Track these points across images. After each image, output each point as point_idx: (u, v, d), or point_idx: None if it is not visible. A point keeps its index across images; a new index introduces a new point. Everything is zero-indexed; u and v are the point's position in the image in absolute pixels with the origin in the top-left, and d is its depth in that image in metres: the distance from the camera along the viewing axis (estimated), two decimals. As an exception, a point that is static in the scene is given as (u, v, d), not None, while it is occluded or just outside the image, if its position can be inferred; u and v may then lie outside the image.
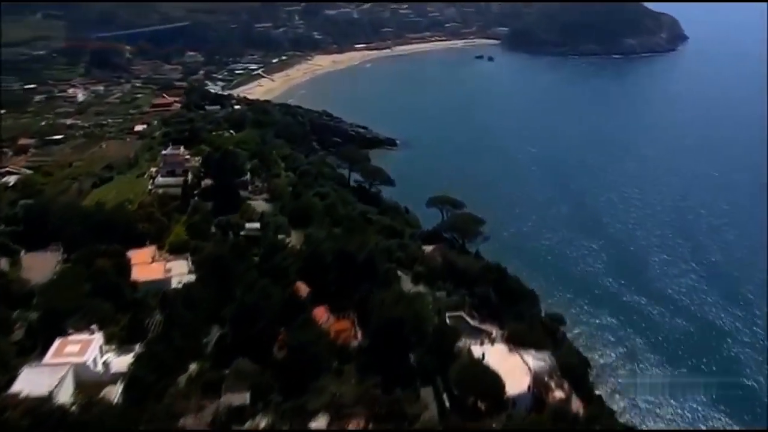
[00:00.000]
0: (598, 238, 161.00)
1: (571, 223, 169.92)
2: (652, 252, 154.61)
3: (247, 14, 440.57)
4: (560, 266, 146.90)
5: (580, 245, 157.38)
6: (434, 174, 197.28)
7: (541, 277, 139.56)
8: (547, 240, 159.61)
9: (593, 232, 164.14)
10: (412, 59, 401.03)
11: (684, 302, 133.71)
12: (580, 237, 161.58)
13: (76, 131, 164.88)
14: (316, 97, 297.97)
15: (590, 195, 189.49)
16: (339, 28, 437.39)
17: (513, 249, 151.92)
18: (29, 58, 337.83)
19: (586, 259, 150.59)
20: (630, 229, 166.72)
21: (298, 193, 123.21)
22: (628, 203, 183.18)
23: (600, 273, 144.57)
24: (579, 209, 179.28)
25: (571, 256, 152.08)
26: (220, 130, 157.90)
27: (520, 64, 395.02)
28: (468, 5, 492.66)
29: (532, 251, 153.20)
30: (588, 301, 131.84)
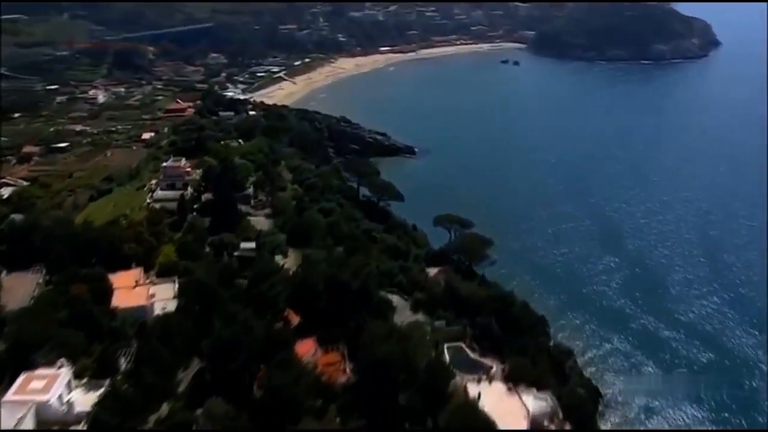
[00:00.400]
0: (616, 254, 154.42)
1: (588, 237, 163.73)
2: (673, 271, 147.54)
3: (271, 15, 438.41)
4: (574, 284, 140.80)
5: (596, 261, 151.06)
6: (450, 184, 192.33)
7: (553, 296, 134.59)
8: (562, 255, 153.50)
9: (611, 248, 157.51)
10: (437, 63, 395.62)
11: (705, 328, 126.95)
12: (597, 252, 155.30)
13: (84, 138, 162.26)
14: (336, 102, 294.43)
15: (610, 207, 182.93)
16: (364, 30, 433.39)
17: (526, 264, 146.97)
18: (53, 58, 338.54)
19: (601, 277, 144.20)
20: (650, 246, 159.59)
21: (302, 208, 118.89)
22: (649, 217, 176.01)
23: (616, 292, 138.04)
24: (597, 222, 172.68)
25: (586, 273, 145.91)
26: (228, 139, 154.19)
27: (545, 69, 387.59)
28: (496, 8, 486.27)
29: (545, 267, 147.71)
30: (602, 322, 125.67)
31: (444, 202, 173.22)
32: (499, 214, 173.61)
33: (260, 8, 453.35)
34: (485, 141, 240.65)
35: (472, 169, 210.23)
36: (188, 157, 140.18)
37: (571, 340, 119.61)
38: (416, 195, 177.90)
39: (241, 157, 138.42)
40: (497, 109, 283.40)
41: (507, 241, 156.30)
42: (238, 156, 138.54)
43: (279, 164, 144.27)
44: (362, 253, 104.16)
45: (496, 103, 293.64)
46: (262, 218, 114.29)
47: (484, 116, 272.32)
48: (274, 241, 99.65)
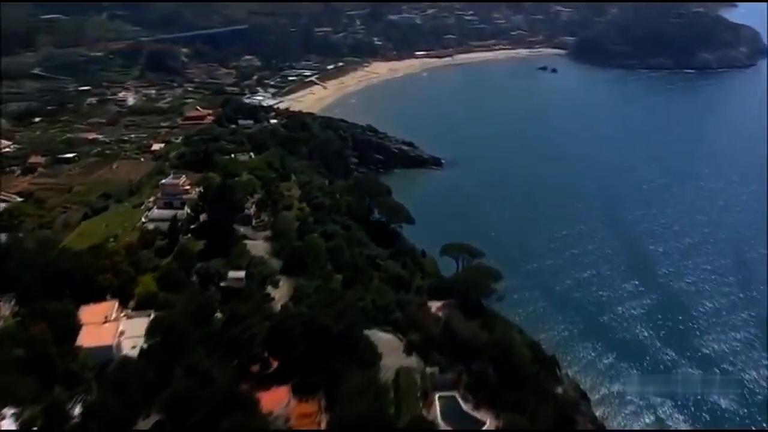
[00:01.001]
0: (642, 279, 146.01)
1: (614, 259, 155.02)
2: (703, 300, 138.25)
3: (307, 18, 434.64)
4: (593, 311, 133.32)
5: (620, 287, 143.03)
6: (473, 199, 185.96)
7: (569, 324, 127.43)
8: (583, 279, 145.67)
9: (637, 272, 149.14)
10: (472, 69, 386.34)
11: (736, 368, 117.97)
12: (622, 276, 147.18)
13: (95, 148, 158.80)
14: (366, 108, 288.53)
15: (640, 228, 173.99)
16: (400, 34, 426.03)
17: (542, 287, 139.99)
18: (86, 59, 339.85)
19: (624, 304, 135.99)
20: (680, 272, 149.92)
21: (304, 231, 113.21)
22: (682, 241, 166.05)
23: (639, 322, 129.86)
24: (626, 244, 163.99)
25: (607, 300, 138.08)
26: (240, 151, 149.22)
27: (584, 77, 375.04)
28: (536, 12, 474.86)
29: (563, 291, 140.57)
30: (621, 356, 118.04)
31: (462, 220, 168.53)
32: (519, 231, 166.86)
33: (297, 10, 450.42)
34: (515, 153, 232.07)
35: (498, 182, 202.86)
36: (195, 171, 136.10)
37: (584, 374, 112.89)
38: (434, 212, 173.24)
39: (249, 172, 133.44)
40: (530, 120, 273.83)
41: (525, 262, 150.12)
42: (246, 171, 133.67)
43: (289, 179, 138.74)
44: (361, 284, 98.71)
45: (530, 113, 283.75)
46: (261, 242, 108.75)
47: (516, 127, 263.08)
48: (263, 271, 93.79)
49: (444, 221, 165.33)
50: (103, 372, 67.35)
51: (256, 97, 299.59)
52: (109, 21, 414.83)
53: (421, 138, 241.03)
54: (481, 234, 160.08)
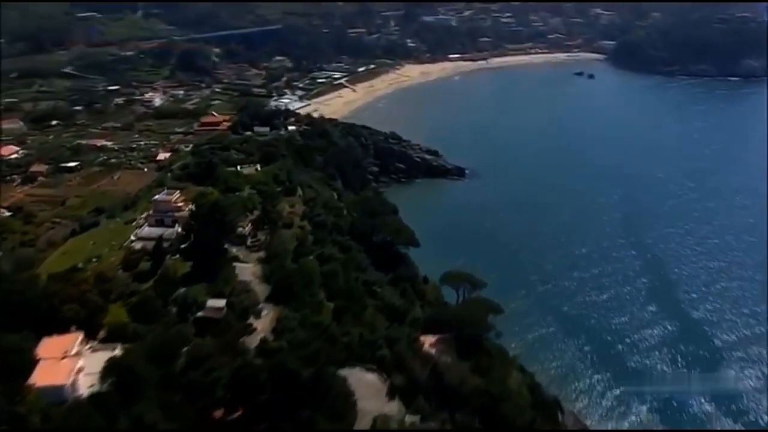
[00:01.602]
0: (663, 305, 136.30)
1: (634, 282, 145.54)
2: (727, 331, 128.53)
3: (341, 19, 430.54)
4: (606, 339, 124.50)
5: (638, 312, 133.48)
6: (491, 212, 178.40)
7: (580, 353, 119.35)
8: (600, 303, 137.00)
9: (658, 297, 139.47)
10: (506, 73, 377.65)
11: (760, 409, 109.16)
12: (641, 301, 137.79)
13: (101, 155, 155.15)
14: (393, 113, 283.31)
15: (667, 247, 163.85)
16: (435, 36, 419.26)
17: (555, 311, 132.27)
18: (117, 58, 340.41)
19: (641, 332, 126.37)
20: (704, 298, 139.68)
21: (300, 253, 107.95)
22: (710, 263, 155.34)
23: (655, 353, 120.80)
24: (648, 264, 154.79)
25: (622, 327, 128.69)
26: (248, 162, 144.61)
27: (621, 84, 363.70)
28: (576, 15, 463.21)
29: (576, 316, 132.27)
30: (631, 391, 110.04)
31: (479, 236, 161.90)
32: (538, 248, 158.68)
33: (332, 10, 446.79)
34: (543, 163, 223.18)
35: (521, 195, 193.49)
36: (198, 184, 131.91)
37: (591, 410, 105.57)
38: (451, 225, 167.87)
39: (252, 186, 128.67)
40: (561, 128, 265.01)
41: (540, 283, 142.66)
42: (248, 185, 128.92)
43: (294, 194, 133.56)
44: (353, 314, 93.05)
45: (562, 121, 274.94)
46: (253, 264, 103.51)
47: (545, 135, 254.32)
48: (245, 299, 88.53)
49: (459, 236, 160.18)
50: (46, 419, 62.59)
51: (282, 99, 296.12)
52: (144, 19, 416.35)
53: (447, 145, 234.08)
54: (496, 251, 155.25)
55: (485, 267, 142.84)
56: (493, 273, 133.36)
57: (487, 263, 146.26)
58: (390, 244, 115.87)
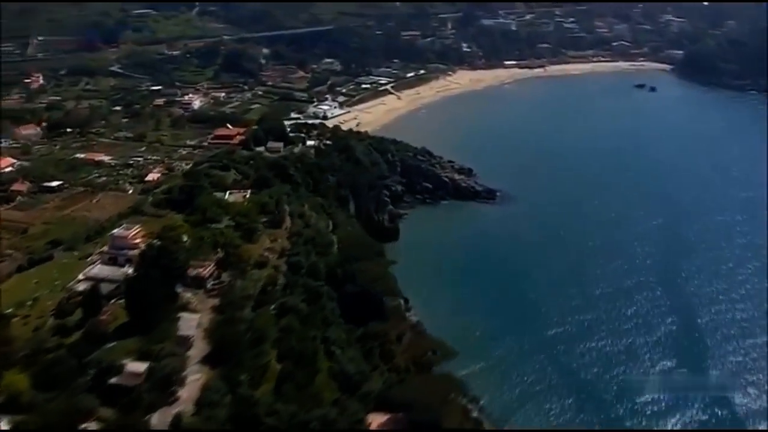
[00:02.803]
0: (685, 363, 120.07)
1: (657, 329, 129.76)
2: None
3: (396, 20, 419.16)
4: (608, 401, 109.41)
5: (652, 371, 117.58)
6: (517, 244, 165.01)
7: (576, 418, 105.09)
8: (611, 354, 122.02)
9: (679, 353, 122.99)
10: (562, 82, 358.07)
11: None
12: (659, 355, 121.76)
13: (97, 171, 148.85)
14: (433, 124, 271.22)
15: (703, 290, 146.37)
16: (492, 41, 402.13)
17: (557, 365, 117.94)
18: (164, 57, 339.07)
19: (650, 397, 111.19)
20: (728, 355, 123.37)
21: (262, 301, 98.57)
22: (745, 311, 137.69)
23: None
24: (677, 308, 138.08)
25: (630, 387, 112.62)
26: (237, 188, 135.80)
27: (684, 98, 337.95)
28: (645, 21, 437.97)
29: (578, 370, 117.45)
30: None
31: (493, 271, 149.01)
32: (558, 285, 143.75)
33: (388, 12, 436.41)
34: (585, 188, 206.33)
35: (553, 224, 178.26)
36: (179, 212, 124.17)
37: None
38: (468, 257, 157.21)
39: (233, 217, 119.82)
40: (609, 148, 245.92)
41: (549, 326, 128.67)
42: (228, 216, 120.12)
43: (280, 226, 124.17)
44: (295, 385, 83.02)
45: (612, 140, 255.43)
46: (204, 314, 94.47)
47: (591, 155, 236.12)
48: (167, 365, 79.19)
49: (474, 271, 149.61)
50: None
51: (321, 106, 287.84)
52: (198, 18, 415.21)
53: (483, 163, 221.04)
54: (509, 287, 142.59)
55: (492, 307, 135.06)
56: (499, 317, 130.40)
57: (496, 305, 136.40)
58: (365, 293, 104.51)
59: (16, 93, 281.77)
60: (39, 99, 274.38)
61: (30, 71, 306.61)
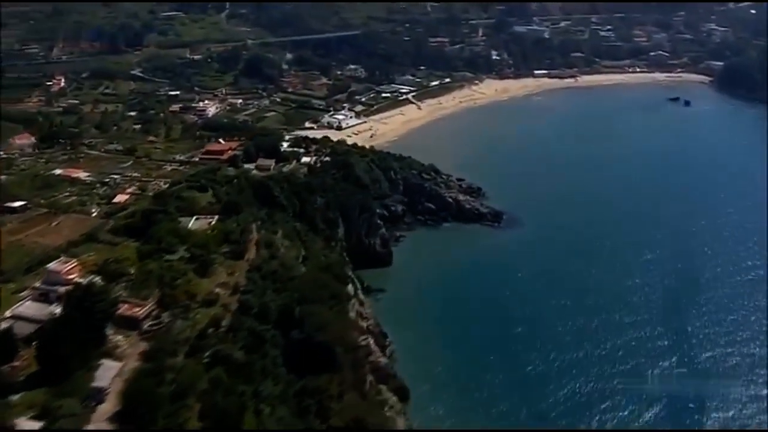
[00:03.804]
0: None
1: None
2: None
3: (425, 26, 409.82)
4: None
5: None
6: (515, 278, 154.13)
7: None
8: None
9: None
10: (593, 95, 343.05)
11: None
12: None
13: (70, 189, 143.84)
14: (448, 137, 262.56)
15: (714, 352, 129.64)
16: (523, 49, 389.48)
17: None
18: (187, 61, 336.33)
19: None
20: None
21: (197, 347, 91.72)
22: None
23: None
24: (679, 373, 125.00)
25: None
26: (206, 213, 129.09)
27: (722, 113, 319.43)
28: (687, 31, 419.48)
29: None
30: None
31: (483, 311, 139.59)
32: (556, 336, 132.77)
33: (419, 17, 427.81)
34: (599, 214, 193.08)
35: (560, 255, 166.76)
36: (137, 239, 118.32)
37: None
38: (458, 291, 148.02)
39: (189, 248, 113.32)
40: (640, 171, 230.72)
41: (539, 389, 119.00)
42: (184, 246, 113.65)
43: (242, 257, 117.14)
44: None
45: (643, 162, 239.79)
46: (131, 361, 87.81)
47: (612, 177, 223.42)
48: (62, 427, 72.72)
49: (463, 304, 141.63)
50: None
51: (337, 115, 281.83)
52: (227, 20, 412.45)
53: (495, 181, 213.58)
54: (495, 326, 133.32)
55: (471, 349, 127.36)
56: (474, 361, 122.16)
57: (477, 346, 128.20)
58: (310, 342, 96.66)
59: (37, 96, 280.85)
60: (58, 102, 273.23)
61: (54, 74, 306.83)
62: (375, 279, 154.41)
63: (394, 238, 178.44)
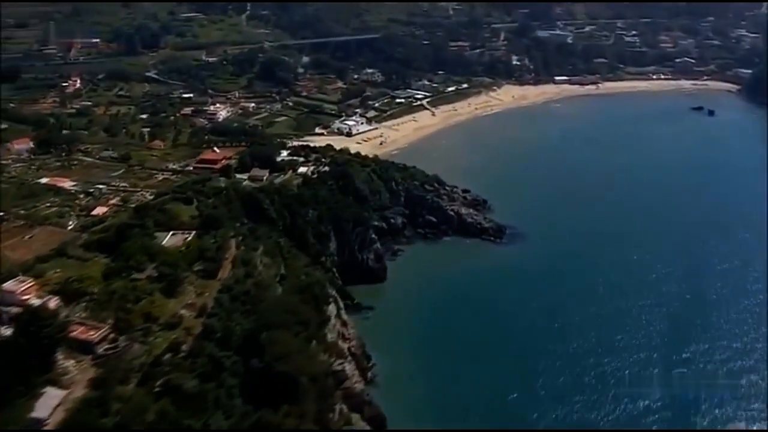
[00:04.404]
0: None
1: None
2: None
3: (445, 30, 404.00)
4: None
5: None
6: (511, 301, 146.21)
7: None
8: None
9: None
10: (613, 102, 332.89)
11: None
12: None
13: (54, 199, 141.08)
14: (458, 146, 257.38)
15: None
16: (544, 54, 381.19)
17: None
18: (201, 64, 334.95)
19: None
20: None
21: (151, 375, 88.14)
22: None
23: None
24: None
25: None
26: (184, 228, 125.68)
27: (747, 124, 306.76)
28: (715, 36, 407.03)
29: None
30: None
31: (467, 336, 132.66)
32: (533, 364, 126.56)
33: (440, 20, 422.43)
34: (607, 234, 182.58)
35: (563, 276, 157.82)
36: (108, 255, 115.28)
37: None
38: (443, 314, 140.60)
39: (158, 266, 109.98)
40: (656, 189, 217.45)
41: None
42: (153, 265, 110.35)
43: (214, 276, 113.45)
44: None
45: (660, 178, 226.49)
46: (77, 389, 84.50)
47: (627, 196, 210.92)
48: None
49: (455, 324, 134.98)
50: None
51: (347, 121, 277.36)
52: (247, 22, 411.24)
53: (503, 193, 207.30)
54: (486, 352, 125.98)
55: None
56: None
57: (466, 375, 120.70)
58: (269, 371, 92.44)
59: (52, 97, 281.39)
60: (71, 104, 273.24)
61: (71, 75, 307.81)
62: (366, 296, 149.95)
63: (392, 252, 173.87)
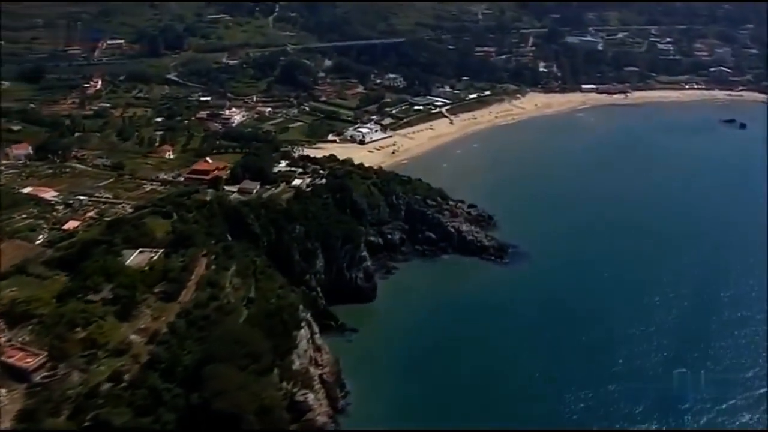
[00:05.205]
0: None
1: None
2: None
3: (472, 35, 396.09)
4: None
5: None
6: (509, 329, 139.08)
7: None
8: None
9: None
10: (641, 113, 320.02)
11: None
12: None
13: (33, 210, 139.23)
14: (471, 157, 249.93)
15: None
16: (573, 61, 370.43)
17: None
18: (222, 67, 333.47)
19: None
20: None
21: (84, 408, 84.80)
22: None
23: None
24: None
25: None
26: (154, 246, 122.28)
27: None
28: (752, 45, 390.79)
29: None
30: None
31: (455, 367, 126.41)
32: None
33: (468, 24, 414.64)
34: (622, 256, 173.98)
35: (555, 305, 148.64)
36: (69, 273, 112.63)
37: None
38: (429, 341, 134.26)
39: (118, 285, 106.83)
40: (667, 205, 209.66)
41: None
42: (110, 286, 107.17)
43: (175, 299, 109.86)
44: None
45: (683, 197, 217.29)
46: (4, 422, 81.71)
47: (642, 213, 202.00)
48: None
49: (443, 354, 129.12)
50: None
51: (361, 128, 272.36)
52: (273, 24, 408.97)
53: (511, 210, 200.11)
54: (474, 385, 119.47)
55: None
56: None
57: None
58: (207, 408, 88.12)
59: (72, 98, 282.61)
60: (90, 105, 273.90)
61: (93, 75, 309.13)
62: (352, 316, 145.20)
63: (386, 270, 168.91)
